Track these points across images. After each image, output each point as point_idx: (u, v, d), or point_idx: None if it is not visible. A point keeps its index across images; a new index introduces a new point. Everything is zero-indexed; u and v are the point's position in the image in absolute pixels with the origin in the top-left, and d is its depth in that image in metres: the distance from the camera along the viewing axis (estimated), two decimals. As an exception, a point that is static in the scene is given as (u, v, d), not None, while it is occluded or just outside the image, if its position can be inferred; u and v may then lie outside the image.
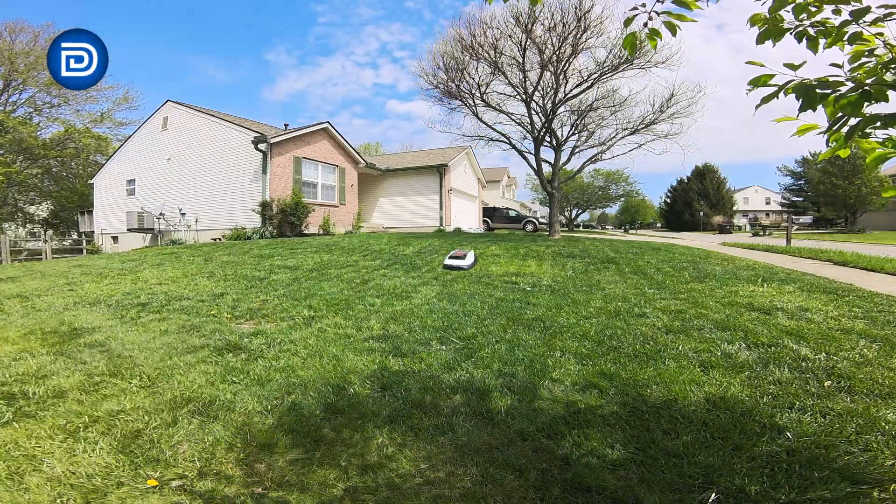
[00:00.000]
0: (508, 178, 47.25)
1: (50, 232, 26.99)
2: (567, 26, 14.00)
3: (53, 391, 2.82)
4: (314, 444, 2.28)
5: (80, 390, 2.84)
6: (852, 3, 1.41)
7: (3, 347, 3.66)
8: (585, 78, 15.28)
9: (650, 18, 1.70)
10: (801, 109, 1.43)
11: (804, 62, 1.48)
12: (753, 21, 1.58)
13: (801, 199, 51.01)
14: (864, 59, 1.43)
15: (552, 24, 14.21)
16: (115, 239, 18.59)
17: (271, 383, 2.97)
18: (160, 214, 16.07)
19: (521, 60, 15.05)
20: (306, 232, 14.23)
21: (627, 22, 1.74)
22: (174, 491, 1.92)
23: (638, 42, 1.80)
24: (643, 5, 1.68)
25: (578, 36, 14.10)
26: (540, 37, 14.54)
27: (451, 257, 7.75)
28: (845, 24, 1.41)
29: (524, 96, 15.99)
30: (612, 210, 73.76)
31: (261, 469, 2.08)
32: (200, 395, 2.80)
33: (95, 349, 3.61)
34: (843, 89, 1.39)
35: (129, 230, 16.31)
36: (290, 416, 2.54)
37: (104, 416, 2.53)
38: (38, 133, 24.49)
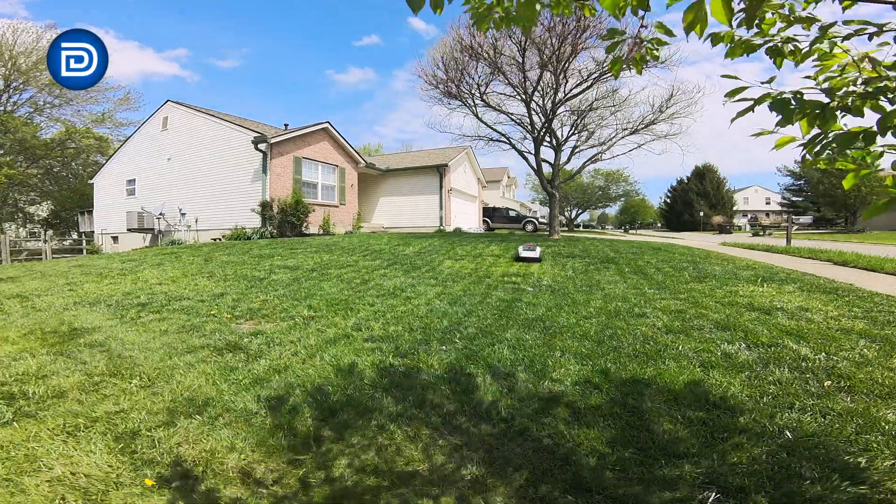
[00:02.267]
0: (508, 178, 47.24)
1: (50, 232, 26.98)
2: (566, 26, 14.00)
3: (53, 391, 2.82)
4: (314, 443, 2.28)
5: (79, 390, 2.84)
6: (815, 23, 1.43)
7: (3, 347, 3.65)
8: (585, 78, 15.29)
9: (637, 44, 1.76)
10: (780, 125, 1.45)
11: (773, 77, 1.50)
12: (716, 41, 1.59)
13: (800, 199, 50.91)
14: (829, 73, 1.45)
15: (552, 24, 14.21)
16: (115, 239, 18.58)
17: (271, 383, 2.97)
18: (160, 214, 16.06)
19: (520, 60, 15.05)
20: (306, 232, 14.22)
21: (610, 49, 1.79)
22: (174, 491, 1.92)
23: (625, 66, 1.86)
24: (623, 32, 1.74)
25: (578, 36, 14.11)
26: (539, 37, 14.54)
27: (525, 249, 8.85)
28: (816, 40, 1.43)
29: (524, 96, 15.99)
30: (612, 210, 73.85)
31: (261, 469, 2.08)
32: (200, 395, 2.79)
33: (95, 349, 3.61)
34: (819, 108, 1.40)
35: (129, 230, 16.30)
36: (291, 416, 2.54)
37: (104, 416, 2.53)
38: (40, 133, 24.49)
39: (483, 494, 1.90)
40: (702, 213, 47.81)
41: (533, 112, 16.26)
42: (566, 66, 14.84)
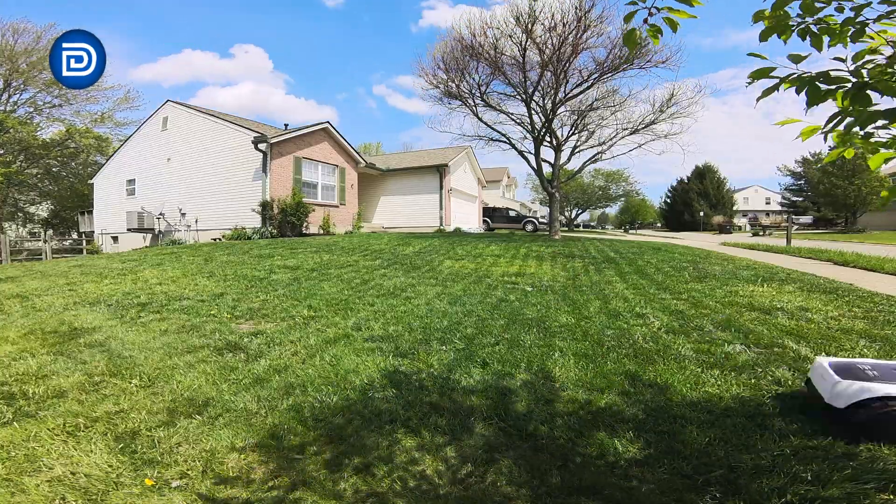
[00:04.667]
0: (508, 178, 47.22)
1: (50, 232, 26.97)
2: (567, 26, 14.00)
3: (53, 391, 2.82)
4: (314, 443, 2.28)
5: (79, 390, 2.84)
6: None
7: (3, 347, 3.65)
8: (585, 78, 15.29)
9: (650, 14, 1.66)
10: (809, 105, 1.39)
11: (809, 54, 1.45)
12: (757, 18, 1.56)
13: (801, 199, 50.89)
14: (868, 57, 1.41)
15: (552, 24, 14.21)
16: (115, 239, 18.58)
17: (271, 383, 2.97)
18: (160, 214, 16.06)
19: (521, 60, 15.06)
20: (306, 232, 14.22)
21: (627, 18, 1.69)
22: (174, 491, 1.92)
23: (639, 39, 1.76)
24: (643, 0, 1.65)
25: (579, 35, 14.11)
26: (540, 37, 14.54)
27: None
28: (847, 21, 1.40)
29: (524, 96, 15.99)
30: (613, 210, 73.92)
31: (261, 470, 2.08)
32: (200, 395, 2.79)
33: (95, 349, 3.61)
34: (848, 85, 1.36)
35: (129, 230, 16.30)
36: (290, 416, 2.54)
37: (104, 416, 2.53)
38: (39, 133, 24.43)
39: (482, 494, 1.90)
40: (702, 213, 47.79)
41: (533, 112, 16.27)
42: (567, 66, 14.84)
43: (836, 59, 1.41)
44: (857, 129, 1.37)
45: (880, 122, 1.34)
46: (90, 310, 4.87)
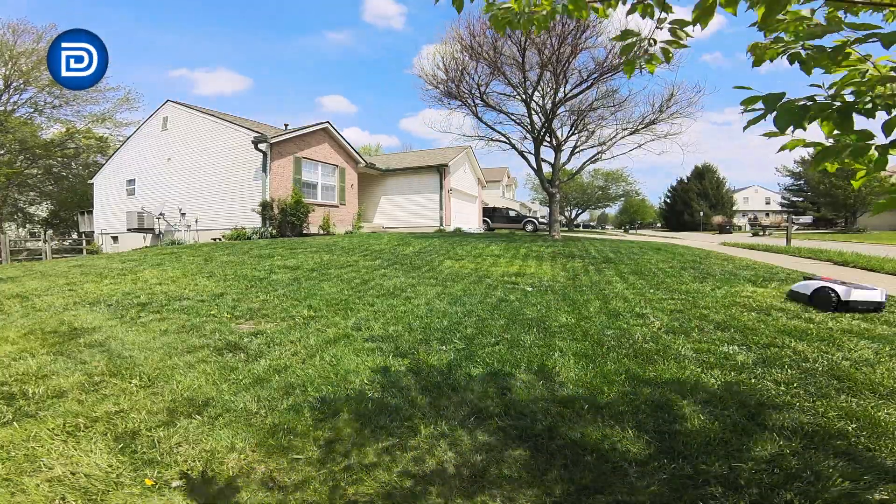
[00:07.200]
0: (508, 178, 47.21)
1: (50, 232, 26.95)
2: (566, 26, 13.99)
3: (53, 391, 2.82)
4: (313, 444, 2.28)
5: (79, 390, 2.84)
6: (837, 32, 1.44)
7: (3, 347, 3.65)
8: (585, 78, 15.29)
9: (650, 45, 1.79)
10: (796, 127, 1.44)
11: (784, 93, 1.52)
12: (757, 56, 1.61)
13: (800, 199, 50.86)
14: (854, 80, 1.46)
15: (551, 25, 14.20)
16: (115, 239, 18.57)
17: (271, 383, 2.97)
18: (160, 214, 16.06)
19: (520, 60, 15.05)
20: (306, 232, 14.22)
21: (625, 50, 1.82)
22: (174, 491, 1.92)
23: (639, 68, 1.90)
24: (638, 33, 1.76)
25: (578, 36, 14.11)
26: (539, 37, 14.53)
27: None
28: (839, 48, 1.43)
29: (524, 96, 15.99)
30: (612, 210, 73.98)
31: (261, 470, 2.08)
32: (200, 395, 2.79)
33: (95, 349, 3.61)
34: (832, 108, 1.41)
35: (129, 230, 16.30)
36: (290, 416, 2.54)
37: (104, 416, 2.52)
38: (40, 133, 24.43)
39: (483, 495, 1.90)
40: (702, 213, 47.82)
41: (533, 112, 16.26)
42: (566, 66, 14.84)
43: (812, 85, 1.46)
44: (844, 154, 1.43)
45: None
46: (90, 310, 4.87)
